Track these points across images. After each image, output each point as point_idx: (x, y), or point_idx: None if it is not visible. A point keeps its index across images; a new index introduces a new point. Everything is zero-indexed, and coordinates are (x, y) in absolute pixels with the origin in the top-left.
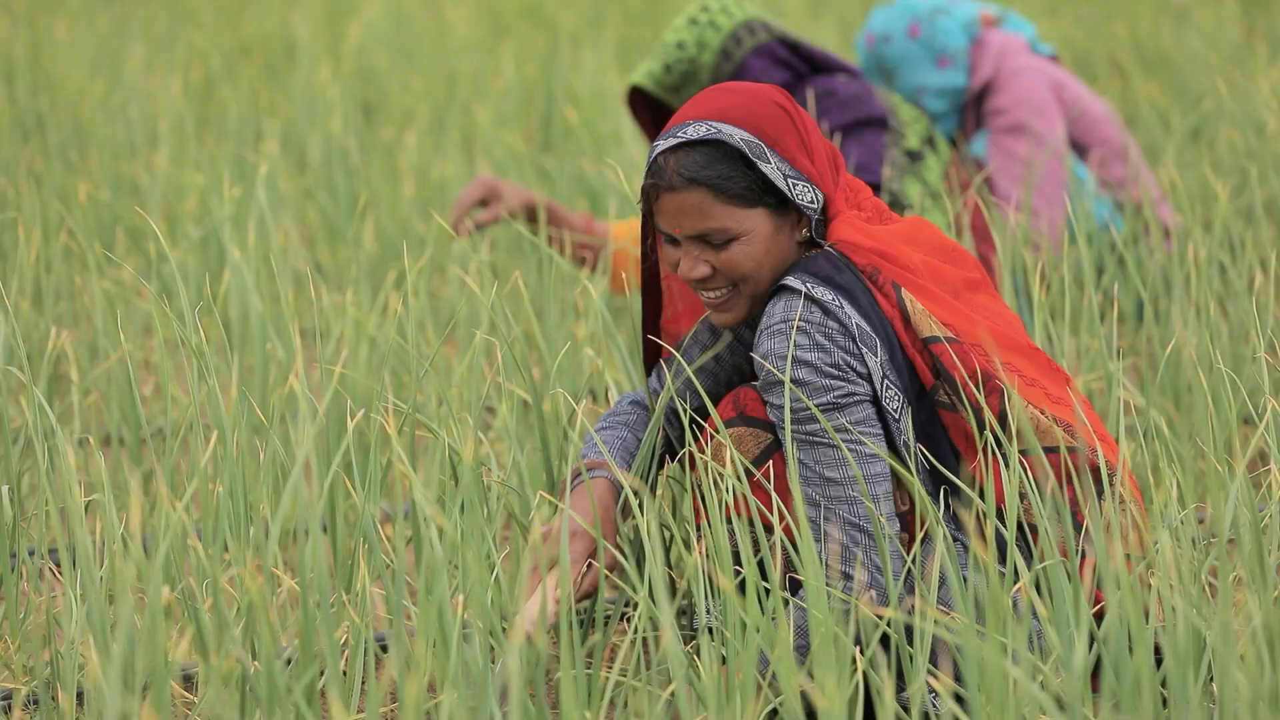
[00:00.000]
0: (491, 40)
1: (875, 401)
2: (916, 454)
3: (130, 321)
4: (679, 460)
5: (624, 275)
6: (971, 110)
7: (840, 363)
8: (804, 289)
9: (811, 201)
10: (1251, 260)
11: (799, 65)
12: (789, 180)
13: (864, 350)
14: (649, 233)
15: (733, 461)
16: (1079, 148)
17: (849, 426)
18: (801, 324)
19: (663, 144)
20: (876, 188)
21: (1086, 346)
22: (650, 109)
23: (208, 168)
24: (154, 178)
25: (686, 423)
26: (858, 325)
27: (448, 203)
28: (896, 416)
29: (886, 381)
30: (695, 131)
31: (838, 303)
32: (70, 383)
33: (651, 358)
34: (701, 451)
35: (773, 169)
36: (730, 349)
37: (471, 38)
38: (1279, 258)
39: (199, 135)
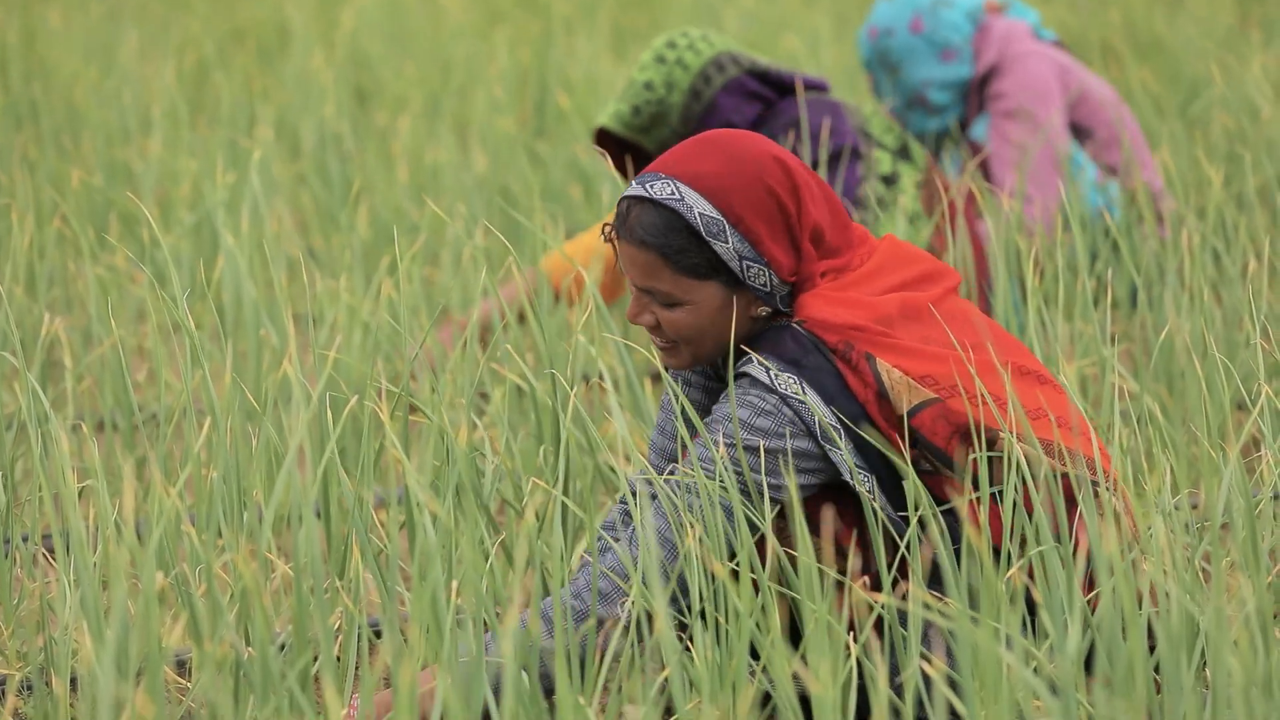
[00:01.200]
0: (485, 26)
1: (842, 485)
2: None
3: (124, 307)
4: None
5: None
6: (975, 95)
7: (775, 446)
8: (768, 380)
9: (765, 285)
10: (1245, 246)
11: (769, 94)
12: (744, 263)
13: (826, 447)
14: None
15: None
16: (1082, 132)
17: (737, 489)
18: (762, 422)
19: (631, 190)
20: None
21: (1080, 332)
22: (619, 145)
23: (201, 153)
24: (147, 163)
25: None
26: (820, 423)
27: (441, 189)
28: (872, 492)
29: (856, 466)
30: (660, 191)
31: (800, 397)
32: (64, 368)
33: None
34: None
35: (728, 249)
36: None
37: (465, 24)
38: (1272, 244)
39: (192, 121)
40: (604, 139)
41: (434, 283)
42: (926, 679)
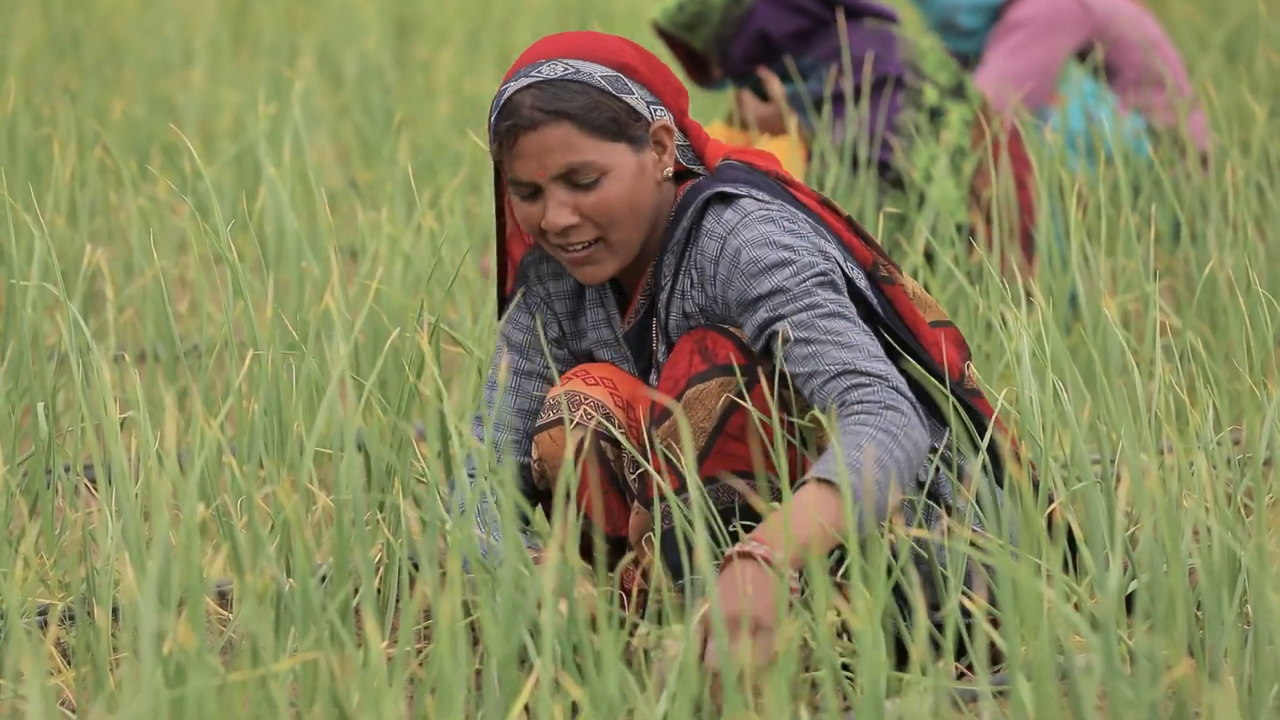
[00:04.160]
0: None
1: (849, 283)
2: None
3: (165, 238)
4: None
5: None
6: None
7: (815, 245)
8: (742, 192)
9: (672, 124)
10: None
11: (816, 10)
12: (651, 107)
13: (823, 237)
14: (501, 191)
15: (696, 426)
16: (1110, 71)
17: (842, 301)
18: (763, 213)
19: (514, 84)
20: (885, 166)
21: (1123, 267)
22: (674, 40)
23: (243, 85)
24: (189, 95)
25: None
26: (803, 217)
27: (482, 120)
28: (870, 293)
29: (848, 263)
30: (551, 70)
31: (779, 201)
32: (105, 299)
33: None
34: (640, 432)
35: (636, 98)
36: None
37: None
38: None
39: (234, 52)
40: (662, 33)
41: (475, 215)
42: (966, 614)
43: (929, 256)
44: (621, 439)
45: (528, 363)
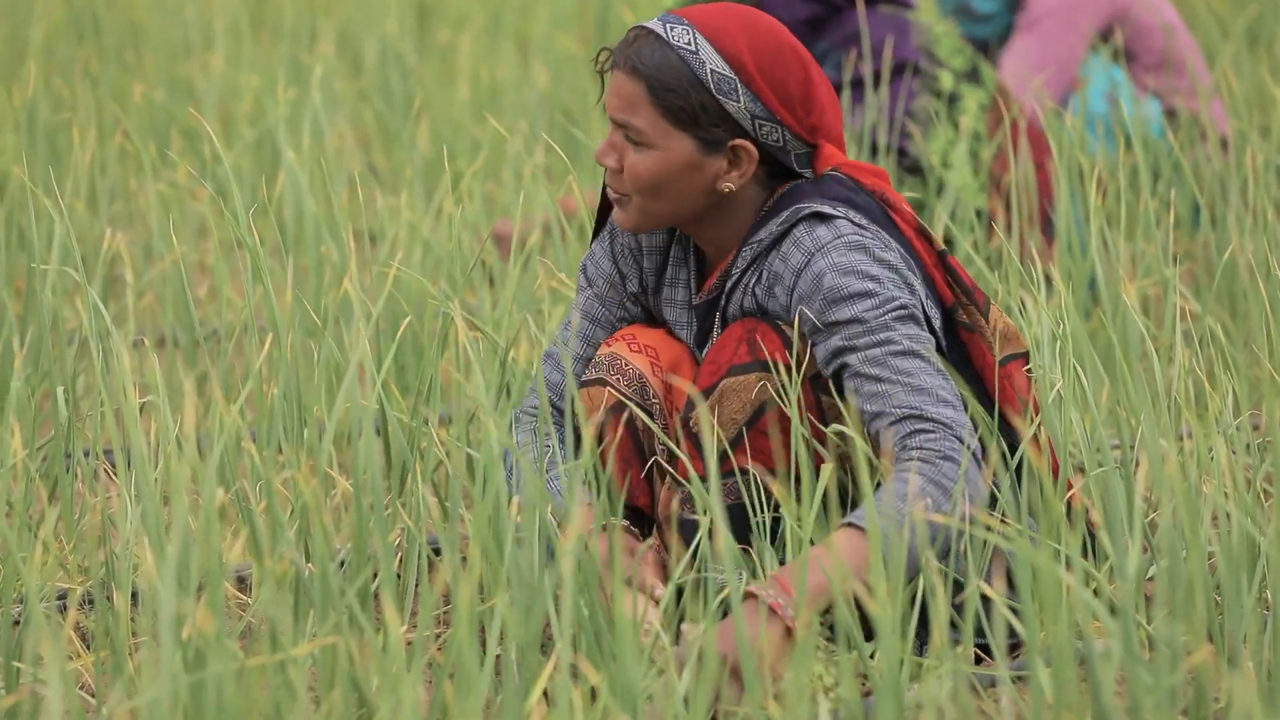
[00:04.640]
0: None
1: (926, 319)
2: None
3: (185, 223)
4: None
5: None
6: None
7: (901, 277)
8: (839, 213)
9: (778, 141)
10: None
11: None
12: (756, 121)
13: (911, 269)
14: None
15: (728, 416)
16: (1128, 55)
17: (919, 337)
18: (856, 239)
19: (646, 24)
20: (902, 153)
21: (1142, 251)
22: None
23: (263, 69)
24: (209, 79)
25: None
26: (895, 247)
27: (503, 106)
28: (940, 335)
29: (928, 301)
30: (678, 36)
31: (874, 227)
32: (125, 284)
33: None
34: (676, 411)
35: (739, 108)
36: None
37: None
38: None
39: (254, 36)
40: None
41: (495, 200)
42: (986, 600)
43: (948, 242)
44: (653, 426)
45: (599, 304)
